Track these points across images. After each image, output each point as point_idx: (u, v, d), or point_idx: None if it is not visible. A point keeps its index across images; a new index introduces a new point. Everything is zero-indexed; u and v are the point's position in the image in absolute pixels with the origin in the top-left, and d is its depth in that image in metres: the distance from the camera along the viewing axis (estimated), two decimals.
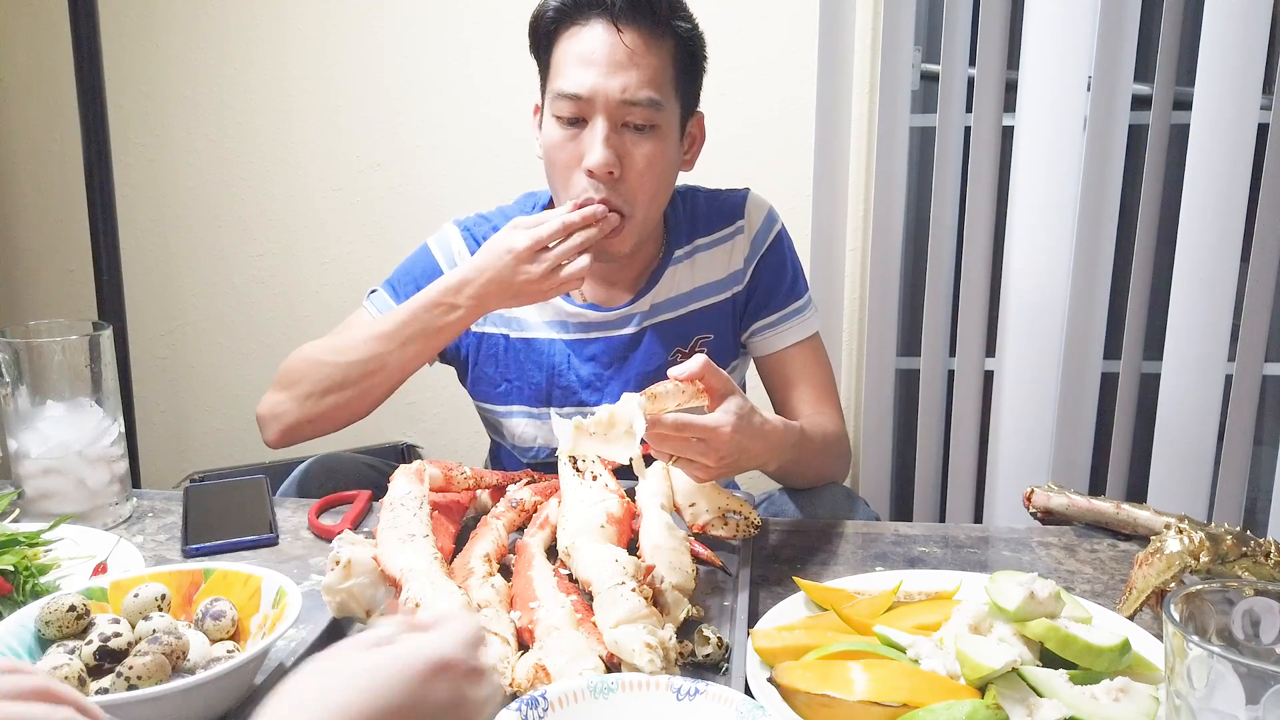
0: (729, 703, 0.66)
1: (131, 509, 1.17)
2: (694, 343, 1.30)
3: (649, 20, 1.13)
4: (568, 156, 1.15)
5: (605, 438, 0.87)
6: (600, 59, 1.12)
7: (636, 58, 1.12)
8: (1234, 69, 1.75)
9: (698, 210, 1.32)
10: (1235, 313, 1.84)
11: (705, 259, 1.31)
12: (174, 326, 2.26)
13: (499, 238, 1.13)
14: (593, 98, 1.12)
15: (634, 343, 1.29)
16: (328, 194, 2.15)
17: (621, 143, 1.14)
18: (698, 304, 1.30)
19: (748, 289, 1.31)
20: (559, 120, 1.15)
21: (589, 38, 1.13)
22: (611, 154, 1.13)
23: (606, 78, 1.11)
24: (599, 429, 0.87)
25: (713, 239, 1.31)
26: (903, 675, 0.72)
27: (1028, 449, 1.96)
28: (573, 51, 1.13)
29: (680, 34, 1.17)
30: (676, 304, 1.30)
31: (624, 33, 1.12)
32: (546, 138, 1.17)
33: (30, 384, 1.08)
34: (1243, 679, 0.53)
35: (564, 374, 1.29)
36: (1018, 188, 1.88)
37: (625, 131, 1.14)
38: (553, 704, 0.66)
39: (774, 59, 1.97)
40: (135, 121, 2.14)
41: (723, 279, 1.31)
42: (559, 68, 1.15)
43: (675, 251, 1.30)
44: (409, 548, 0.85)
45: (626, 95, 1.12)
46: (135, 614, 0.79)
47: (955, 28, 1.83)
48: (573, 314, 1.29)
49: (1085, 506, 1.12)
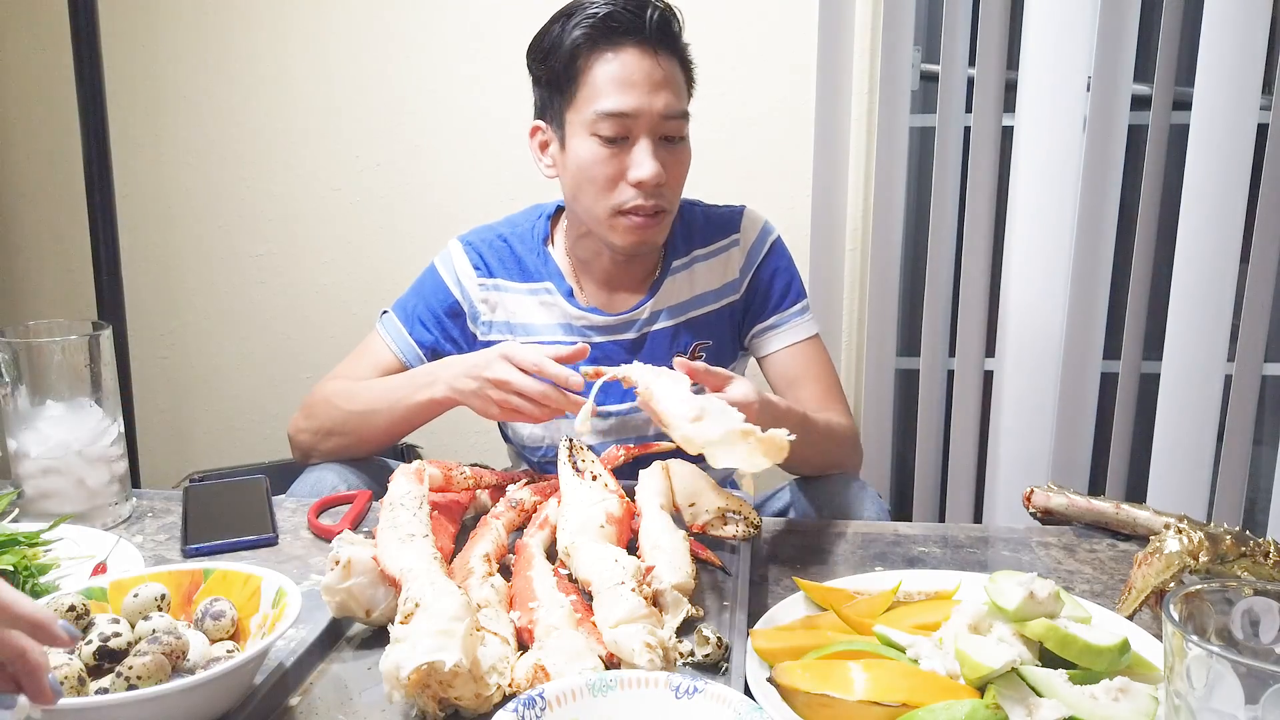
0: (727, 702, 0.66)
1: (131, 509, 1.17)
2: (693, 348, 1.36)
3: (670, 43, 1.24)
4: (612, 171, 1.23)
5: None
6: (640, 80, 1.21)
7: (668, 77, 1.22)
8: (1234, 69, 1.75)
9: (695, 224, 1.39)
10: (1235, 313, 1.84)
11: (703, 269, 1.37)
12: (174, 326, 2.26)
13: (492, 353, 1.13)
14: (638, 115, 1.21)
15: (636, 346, 1.34)
16: (328, 194, 2.15)
17: (662, 154, 1.23)
18: (696, 311, 1.36)
19: (745, 297, 1.38)
20: (600, 139, 1.22)
21: (627, 61, 1.21)
22: (659, 166, 1.22)
23: (649, 96, 1.21)
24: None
25: (710, 250, 1.38)
26: (902, 675, 0.72)
27: (1027, 449, 1.96)
28: (611, 74, 1.21)
29: (684, 54, 1.27)
30: (676, 311, 1.35)
31: (659, 55, 1.22)
32: (584, 155, 1.23)
33: (30, 384, 1.08)
34: (1242, 679, 0.53)
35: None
36: (1017, 188, 1.88)
37: (663, 144, 1.24)
38: (550, 702, 0.66)
39: (774, 59, 1.97)
40: (135, 121, 2.14)
41: (719, 288, 1.37)
42: (597, 89, 1.21)
43: (674, 261, 1.36)
44: (409, 548, 0.85)
45: (667, 111, 1.22)
46: (135, 614, 0.79)
47: (955, 28, 1.83)
48: (577, 316, 1.33)
49: (1085, 506, 1.12)
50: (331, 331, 2.20)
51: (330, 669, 0.82)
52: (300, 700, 0.78)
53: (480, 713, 0.74)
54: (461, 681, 0.72)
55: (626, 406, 1.34)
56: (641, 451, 1.20)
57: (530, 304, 1.34)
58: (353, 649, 0.86)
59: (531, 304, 1.34)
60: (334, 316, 2.21)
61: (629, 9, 1.20)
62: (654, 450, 1.21)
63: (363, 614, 0.86)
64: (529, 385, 1.08)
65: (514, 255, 1.36)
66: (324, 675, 0.81)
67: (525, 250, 1.36)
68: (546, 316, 1.34)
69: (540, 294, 1.34)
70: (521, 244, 1.37)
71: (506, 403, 1.10)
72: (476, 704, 0.73)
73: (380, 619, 0.86)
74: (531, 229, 1.38)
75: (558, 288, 1.34)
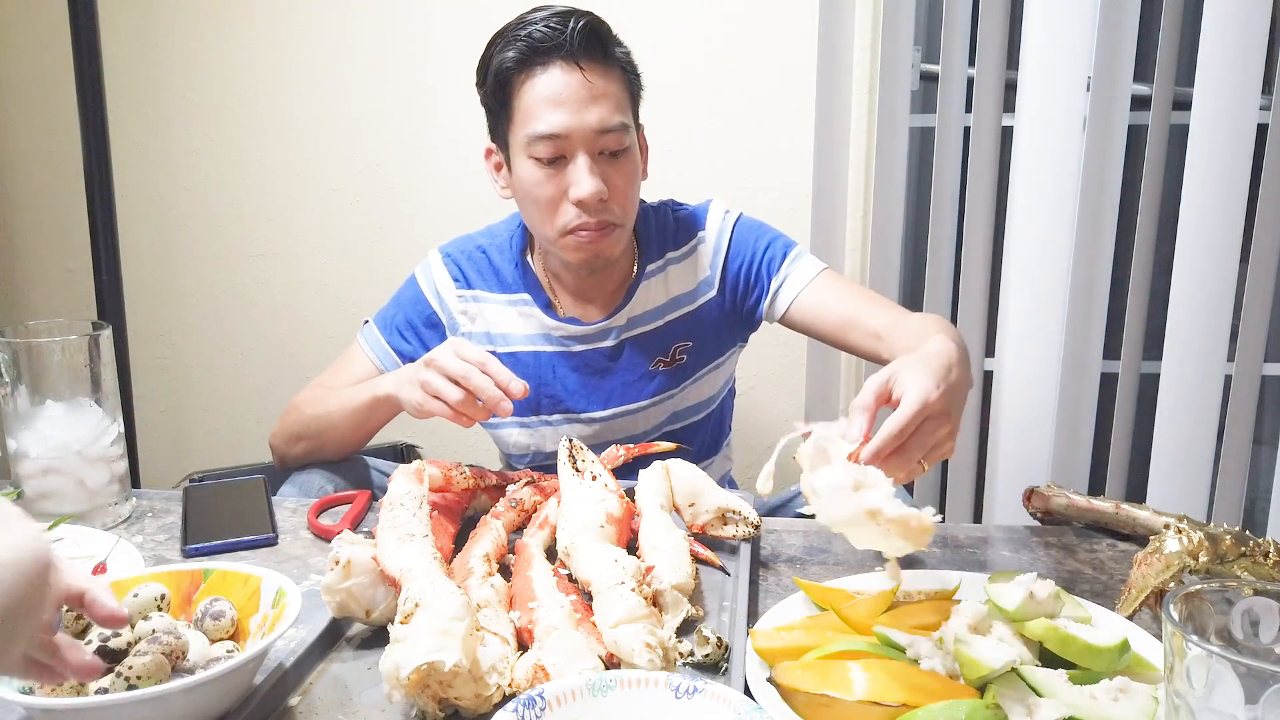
0: (727, 702, 0.66)
1: (131, 509, 1.17)
2: (674, 350, 1.36)
3: (600, 54, 1.20)
4: (551, 192, 1.21)
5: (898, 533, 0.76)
6: (569, 98, 1.18)
7: (600, 90, 1.19)
8: (1234, 69, 1.75)
9: (667, 225, 1.38)
10: (1235, 313, 1.84)
11: (676, 271, 1.37)
12: (174, 326, 2.26)
13: (441, 345, 1.11)
14: (570, 134, 1.18)
15: (614, 354, 1.35)
16: (328, 194, 2.15)
17: (603, 170, 1.21)
18: (673, 314, 1.36)
19: (722, 290, 1.36)
20: (538, 161, 1.20)
21: (553, 80, 1.18)
22: (599, 182, 1.19)
23: (580, 114, 1.18)
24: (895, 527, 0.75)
25: (681, 252, 1.37)
26: (902, 675, 0.72)
27: (1027, 449, 1.96)
28: (539, 95, 1.19)
29: (622, 61, 1.24)
30: (653, 316, 1.35)
31: (585, 70, 1.18)
32: (525, 178, 1.22)
33: (30, 384, 1.08)
34: (1242, 679, 0.53)
35: (550, 384, 1.35)
36: (1017, 188, 1.88)
37: (603, 159, 1.21)
38: (550, 703, 0.66)
39: (773, 59, 1.97)
40: (135, 121, 2.14)
41: (694, 289, 1.36)
42: (528, 112, 1.19)
43: (648, 266, 1.36)
44: (408, 548, 0.85)
45: (601, 126, 1.18)
46: (135, 614, 0.79)
47: (955, 28, 1.83)
48: (554, 327, 1.34)
49: (1085, 506, 1.12)
50: (331, 332, 2.20)
51: (330, 669, 0.82)
52: (300, 700, 0.78)
53: (480, 713, 0.74)
54: (461, 681, 0.72)
55: (609, 413, 1.34)
56: (641, 451, 1.20)
57: (509, 314, 1.34)
58: (353, 649, 0.86)
59: (511, 314, 1.34)
60: (333, 317, 2.21)
61: (550, 25, 1.18)
62: (654, 450, 1.21)
63: (363, 614, 0.86)
64: (454, 367, 1.04)
65: (492, 266, 1.36)
66: (324, 675, 0.81)
67: (503, 261, 1.36)
68: (525, 327, 1.34)
69: (519, 305, 1.34)
70: (500, 254, 1.36)
71: (428, 385, 1.07)
72: (476, 704, 0.73)
73: (380, 619, 0.86)
74: (510, 239, 1.37)
75: (535, 300, 1.34)
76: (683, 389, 1.38)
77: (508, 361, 1.33)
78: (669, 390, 1.36)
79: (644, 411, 1.36)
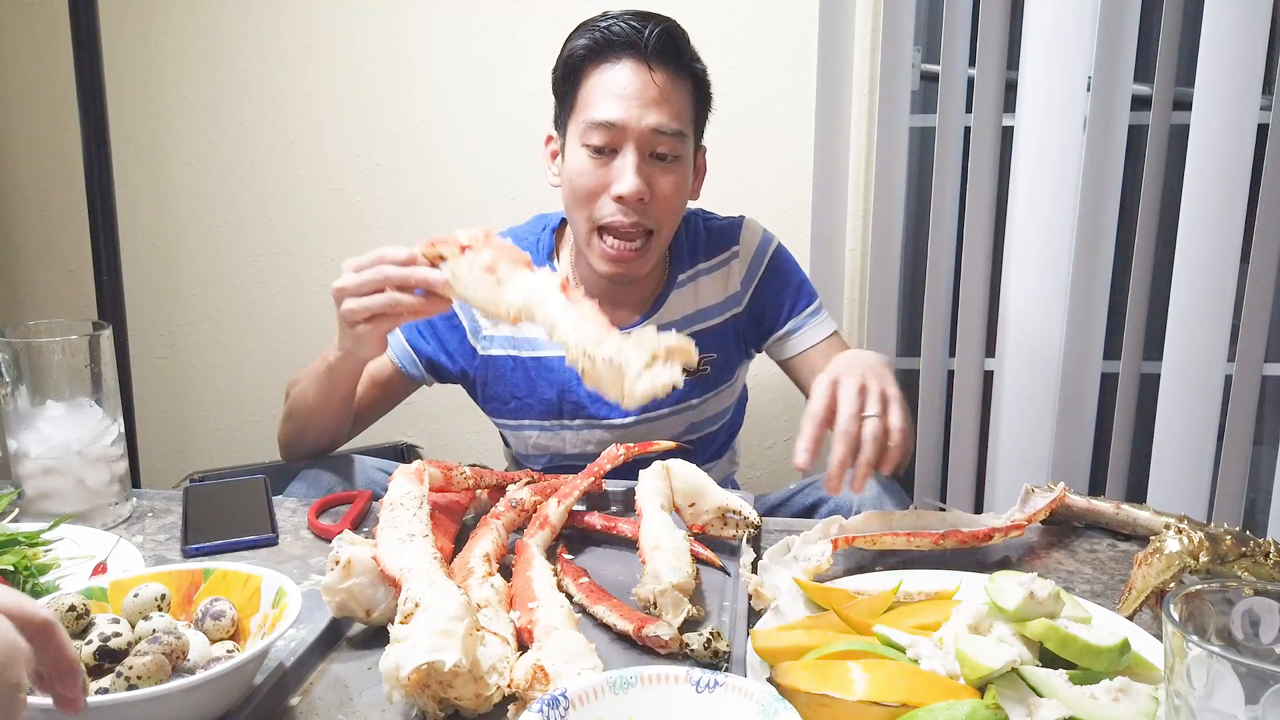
0: (750, 695, 0.66)
1: (131, 509, 1.17)
2: (700, 361, 1.35)
3: (674, 61, 1.22)
4: (595, 183, 1.22)
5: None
6: (632, 93, 1.20)
7: (664, 94, 1.21)
8: (1234, 69, 1.75)
9: (698, 237, 1.39)
10: (1235, 313, 1.84)
11: (706, 283, 1.38)
12: (174, 326, 2.26)
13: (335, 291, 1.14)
14: (625, 126, 1.20)
15: None
16: (327, 194, 2.15)
17: (650, 172, 1.22)
18: (700, 325, 1.37)
19: (748, 310, 1.38)
20: (588, 149, 1.22)
21: (621, 74, 1.21)
22: (642, 182, 1.20)
23: (640, 110, 1.20)
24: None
25: (712, 264, 1.38)
26: (902, 675, 0.72)
27: (1027, 449, 1.96)
28: (604, 85, 1.21)
29: (697, 75, 1.26)
30: (680, 326, 1.36)
31: (654, 71, 1.20)
32: (574, 165, 1.23)
33: (30, 384, 1.08)
34: (1242, 679, 0.53)
35: (574, 389, 1.35)
36: (1018, 188, 1.88)
37: (653, 161, 1.22)
38: (574, 701, 0.66)
39: (774, 59, 1.97)
40: (135, 121, 2.14)
41: (722, 301, 1.38)
42: (589, 100, 1.22)
43: (678, 276, 1.37)
44: (408, 548, 0.85)
45: (658, 126, 1.20)
46: (135, 614, 0.79)
47: (955, 28, 1.83)
48: None
49: (1085, 506, 1.12)
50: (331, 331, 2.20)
51: (330, 669, 0.82)
52: (300, 700, 0.78)
53: (480, 713, 0.74)
54: (461, 681, 0.72)
55: (631, 420, 1.34)
56: (641, 451, 1.20)
57: None
58: (353, 649, 0.86)
59: None
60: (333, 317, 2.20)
61: (629, 23, 1.21)
62: (654, 450, 1.21)
63: (363, 614, 0.86)
64: (354, 281, 1.08)
65: None
66: (324, 675, 0.81)
67: None
68: None
69: None
70: None
71: (350, 315, 1.10)
72: (476, 704, 0.73)
73: (380, 619, 0.86)
74: (536, 242, 1.38)
75: None
76: (704, 400, 1.38)
77: (533, 365, 1.34)
78: (691, 400, 1.37)
79: (665, 420, 1.37)
